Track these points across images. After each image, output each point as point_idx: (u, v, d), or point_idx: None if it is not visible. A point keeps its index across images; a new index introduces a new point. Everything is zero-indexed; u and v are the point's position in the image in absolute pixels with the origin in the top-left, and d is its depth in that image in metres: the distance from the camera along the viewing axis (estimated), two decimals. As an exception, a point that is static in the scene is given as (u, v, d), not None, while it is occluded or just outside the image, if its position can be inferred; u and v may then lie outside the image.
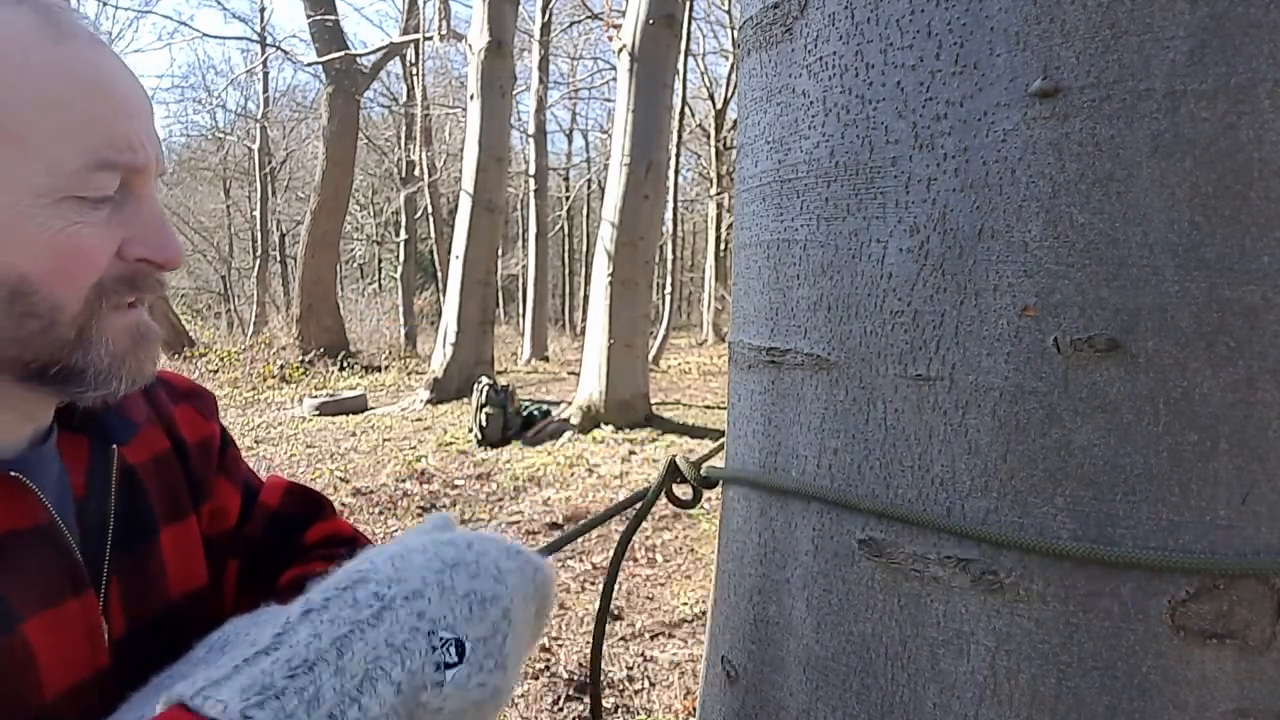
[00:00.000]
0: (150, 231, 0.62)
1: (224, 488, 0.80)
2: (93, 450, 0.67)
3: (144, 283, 0.63)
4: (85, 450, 0.67)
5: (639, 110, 8.06)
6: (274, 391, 12.13)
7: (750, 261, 0.68)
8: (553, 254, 30.09)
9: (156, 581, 0.68)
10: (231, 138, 27.00)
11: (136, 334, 0.63)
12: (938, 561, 0.54)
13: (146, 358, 0.65)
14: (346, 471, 6.79)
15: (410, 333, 18.95)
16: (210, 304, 31.51)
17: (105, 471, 0.67)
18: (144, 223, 0.62)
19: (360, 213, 32.36)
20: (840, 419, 0.59)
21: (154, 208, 0.63)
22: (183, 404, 0.80)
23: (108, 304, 0.60)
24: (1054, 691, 0.51)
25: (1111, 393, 0.49)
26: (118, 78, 0.60)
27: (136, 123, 0.60)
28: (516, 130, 17.55)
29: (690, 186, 28.23)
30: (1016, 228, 0.51)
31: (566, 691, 3.17)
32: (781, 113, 0.64)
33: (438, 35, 12.25)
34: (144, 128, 0.62)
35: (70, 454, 0.66)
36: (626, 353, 8.16)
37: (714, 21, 23.23)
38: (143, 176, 0.61)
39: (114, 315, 0.61)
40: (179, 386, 0.82)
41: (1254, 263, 0.47)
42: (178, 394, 0.81)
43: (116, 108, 0.59)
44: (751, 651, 0.66)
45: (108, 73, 0.59)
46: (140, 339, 0.64)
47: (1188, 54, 0.47)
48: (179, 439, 0.77)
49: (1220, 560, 0.48)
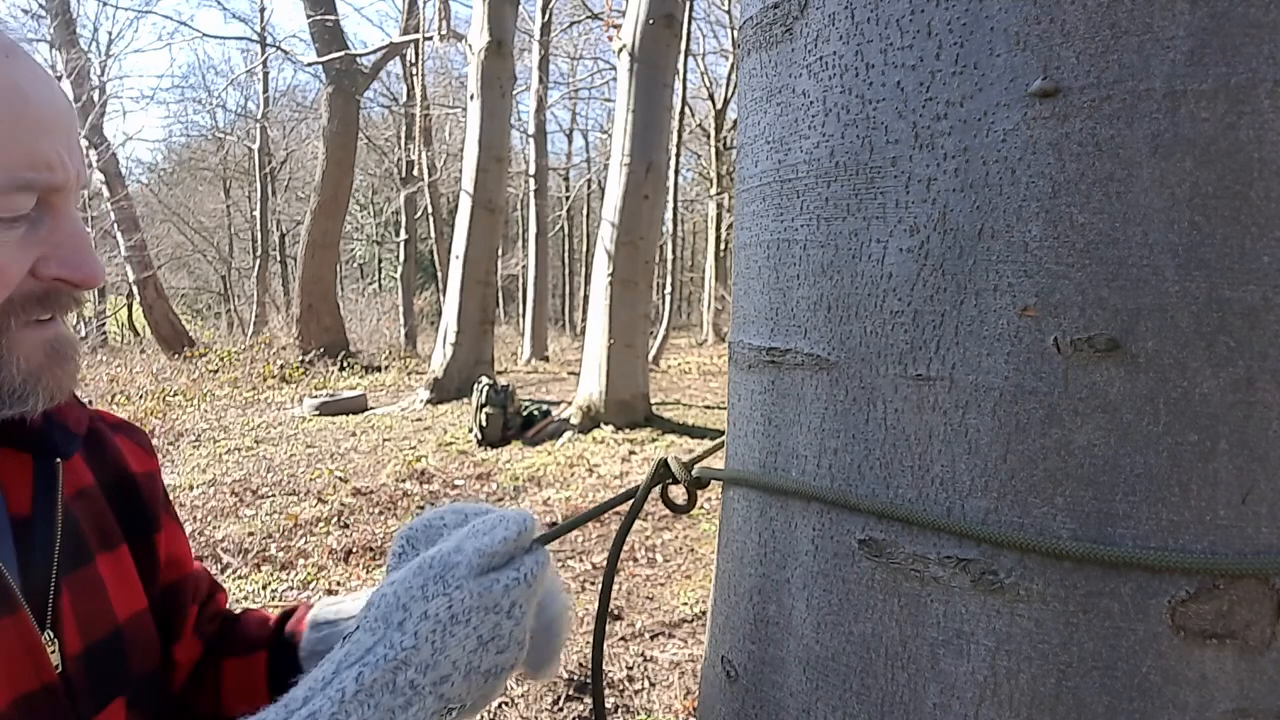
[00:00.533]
0: (67, 250, 0.59)
1: (175, 530, 0.81)
2: (36, 466, 0.66)
3: (58, 301, 0.61)
4: (28, 467, 0.65)
5: (639, 110, 8.06)
6: (274, 391, 12.13)
7: (750, 261, 0.68)
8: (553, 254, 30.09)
9: (103, 601, 0.68)
10: (231, 138, 27.00)
11: (50, 350, 0.61)
12: (938, 561, 0.54)
13: (64, 373, 0.63)
14: (346, 471, 6.79)
15: (410, 333, 18.95)
16: (210, 304, 31.52)
17: (50, 487, 0.66)
18: (60, 241, 0.59)
19: (360, 213, 32.36)
20: (840, 419, 0.59)
21: (73, 225, 0.60)
22: (121, 435, 0.79)
23: (17, 321, 0.58)
24: (1054, 691, 0.51)
25: (1111, 393, 0.49)
26: (36, 91, 0.56)
27: (56, 138, 0.57)
28: (516, 130, 17.54)
29: (690, 186, 28.23)
30: (1016, 228, 0.51)
31: (566, 691, 3.17)
32: (781, 113, 0.64)
33: (438, 35, 12.24)
34: (64, 143, 0.58)
35: (7, 470, 0.64)
36: (626, 353, 8.16)
37: (714, 21, 23.24)
38: (62, 194, 0.59)
39: (25, 331, 0.59)
40: (110, 420, 0.80)
41: (1254, 263, 0.47)
42: (113, 426, 0.80)
43: (35, 125, 0.56)
44: (751, 651, 0.67)
45: (25, 87, 0.56)
46: (56, 354, 0.61)
47: (1188, 54, 0.47)
48: (122, 469, 0.76)
49: (1220, 560, 0.48)
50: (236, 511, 5.71)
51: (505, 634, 0.60)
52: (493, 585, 0.60)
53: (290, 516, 5.50)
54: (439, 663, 0.57)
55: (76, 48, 15.89)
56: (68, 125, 0.59)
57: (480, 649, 0.58)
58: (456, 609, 0.58)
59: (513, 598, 0.60)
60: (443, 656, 0.57)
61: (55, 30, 15.51)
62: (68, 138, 0.59)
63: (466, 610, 0.59)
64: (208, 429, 9.03)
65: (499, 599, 0.60)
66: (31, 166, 0.55)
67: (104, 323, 19.65)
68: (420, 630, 0.57)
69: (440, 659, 0.57)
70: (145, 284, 16.11)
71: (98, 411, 0.80)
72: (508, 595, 0.60)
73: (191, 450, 7.91)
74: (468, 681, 0.58)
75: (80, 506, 0.69)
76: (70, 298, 0.61)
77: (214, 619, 0.87)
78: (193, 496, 6.09)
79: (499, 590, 0.60)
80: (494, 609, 0.59)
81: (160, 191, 29.33)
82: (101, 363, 13.45)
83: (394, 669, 0.56)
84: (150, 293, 16.22)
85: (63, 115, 0.59)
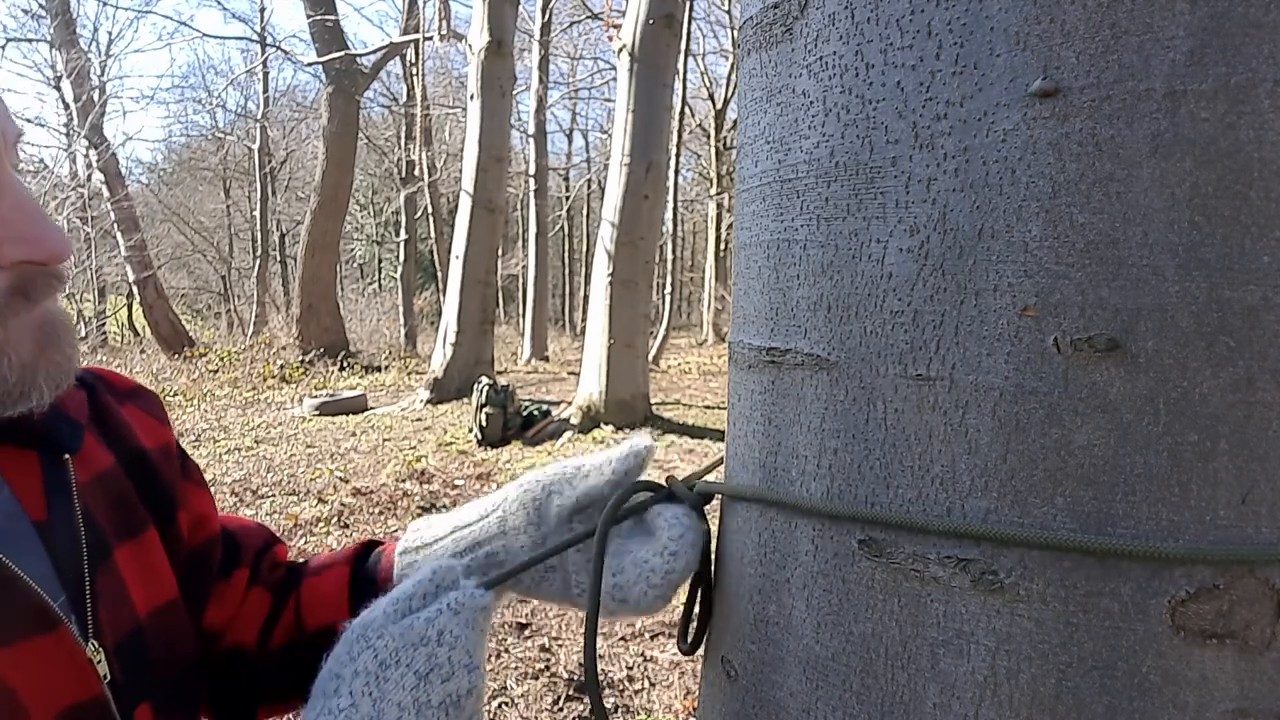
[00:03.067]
0: (19, 225, 0.51)
1: (195, 494, 0.77)
2: (44, 466, 0.61)
3: (37, 288, 0.54)
4: (35, 466, 0.60)
5: (639, 110, 8.06)
6: (274, 391, 12.13)
7: (750, 261, 0.68)
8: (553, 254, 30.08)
9: (124, 599, 0.64)
10: (231, 138, 26.98)
11: (42, 336, 0.55)
12: (938, 561, 0.54)
13: (61, 356, 0.57)
14: (346, 471, 6.79)
15: (410, 333, 18.95)
16: (210, 304, 31.51)
17: (64, 486, 0.61)
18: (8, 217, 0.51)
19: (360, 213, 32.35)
20: (840, 419, 0.59)
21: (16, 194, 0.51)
22: (129, 404, 0.74)
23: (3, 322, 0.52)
24: (1054, 691, 0.51)
25: (1111, 393, 0.49)
26: None
27: None
28: (516, 130, 17.54)
29: (690, 186, 28.22)
30: (1016, 228, 0.51)
31: (566, 691, 3.17)
32: (781, 113, 0.64)
33: (438, 35, 12.24)
34: None
35: (15, 473, 0.59)
36: (626, 353, 8.16)
37: (714, 21, 23.23)
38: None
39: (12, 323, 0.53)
40: (120, 386, 0.75)
41: (1254, 263, 0.47)
42: (121, 394, 0.74)
43: None
44: (751, 651, 0.67)
45: None
46: (48, 338, 0.56)
47: (1188, 54, 0.47)
48: (134, 447, 0.71)
49: (1217, 549, 0.48)
50: (236, 511, 5.71)
51: (443, 662, 0.58)
52: (413, 623, 0.59)
53: (290, 516, 5.50)
54: (384, 710, 0.56)
55: (76, 48, 15.89)
56: None
57: (422, 683, 0.57)
58: (383, 655, 0.58)
59: (439, 627, 0.59)
60: (385, 704, 0.56)
61: (55, 30, 15.51)
62: None
63: (393, 653, 0.58)
64: (208, 429, 9.03)
65: (423, 631, 0.59)
66: None
67: (104, 323, 19.64)
68: (354, 688, 0.56)
69: (384, 706, 0.56)
70: (145, 284, 16.11)
71: (102, 374, 0.74)
72: (432, 626, 0.59)
73: (191, 450, 7.91)
74: (424, 719, 0.57)
75: (95, 497, 0.64)
76: (45, 278, 0.54)
77: (277, 567, 0.85)
78: (193, 496, 6.08)
79: (420, 624, 0.59)
80: (421, 642, 0.58)
81: (160, 191, 29.33)
82: (101, 363, 13.44)
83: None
84: (150, 293, 16.22)
85: None
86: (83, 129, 15.29)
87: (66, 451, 0.62)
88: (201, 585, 0.76)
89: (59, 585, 0.58)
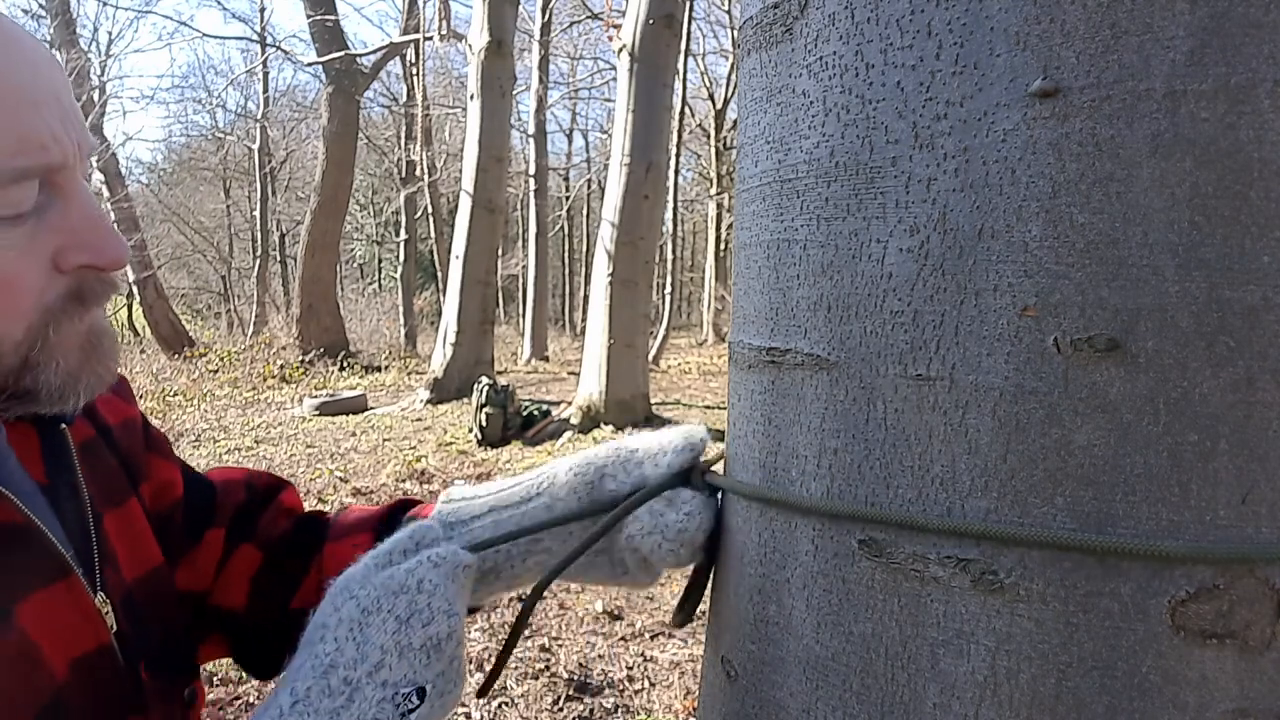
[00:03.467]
0: (86, 233, 0.54)
1: (158, 464, 0.79)
2: (43, 436, 0.64)
3: (92, 293, 0.57)
4: (34, 438, 0.63)
5: (639, 110, 8.06)
6: (274, 391, 12.13)
7: (750, 261, 0.68)
8: (553, 254, 30.08)
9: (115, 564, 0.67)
10: (231, 138, 26.99)
11: (88, 345, 0.58)
12: (938, 561, 0.54)
13: (103, 367, 0.60)
14: (346, 471, 6.79)
15: (410, 333, 18.95)
16: (210, 304, 31.52)
17: (63, 454, 0.65)
18: (76, 225, 0.54)
19: (360, 213, 32.36)
20: (840, 419, 0.59)
21: (85, 205, 0.55)
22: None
23: (56, 326, 0.55)
24: (1054, 691, 0.51)
25: (1111, 393, 0.49)
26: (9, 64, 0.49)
27: (45, 111, 0.50)
28: (516, 130, 17.55)
29: (690, 186, 28.23)
30: (1016, 228, 0.51)
31: (566, 691, 3.17)
32: (781, 113, 0.64)
33: (438, 35, 12.24)
34: (55, 115, 0.51)
35: (18, 444, 0.62)
36: (626, 352, 8.16)
37: (714, 21, 23.24)
38: (64, 173, 0.53)
39: (64, 331, 0.55)
40: None
41: (1254, 263, 0.47)
42: None
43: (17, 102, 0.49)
44: (751, 651, 0.67)
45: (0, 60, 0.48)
46: (93, 348, 0.59)
47: (1188, 54, 0.47)
48: (101, 424, 0.73)
49: (1216, 548, 0.48)
50: (236, 511, 5.70)
51: (423, 607, 0.61)
52: (394, 573, 0.62)
53: (290, 516, 5.49)
54: (367, 654, 0.58)
55: (76, 48, 15.89)
56: (57, 94, 0.52)
57: (403, 627, 0.60)
58: (365, 603, 0.61)
59: (419, 576, 0.62)
60: (369, 647, 0.59)
61: (55, 30, 15.51)
62: (60, 107, 0.52)
63: (375, 600, 0.61)
64: (208, 429, 9.03)
65: (404, 580, 0.62)
66: (21, 153, 0.49)
67: (104, 323, 19.60)
68: (339, 635, 0.59)
69: (368, 649, 0.59)
70: (145, 284, 16.11)
71: None
72: (412, 576, 0.62)
73: (191, 450, 7.91)
74: (406, 661, 0.59)
75: (85, 464, 0.67)
76: (102, 284, 0.57)
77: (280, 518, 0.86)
78: (193, 496, 6.09)
79: (401, 574, 0.62)
80: (402, 590, 0.61)
81: (160, 191, 29.33)
82: (101, 363, 13.42)
83: (323, 674, 0.58)
84: (150, 293, 16.22)
85: (47, 84, 0.51)
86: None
87: (63, 421, 0.65)
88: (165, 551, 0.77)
89: (67, 540, 0.61)
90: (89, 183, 0.56)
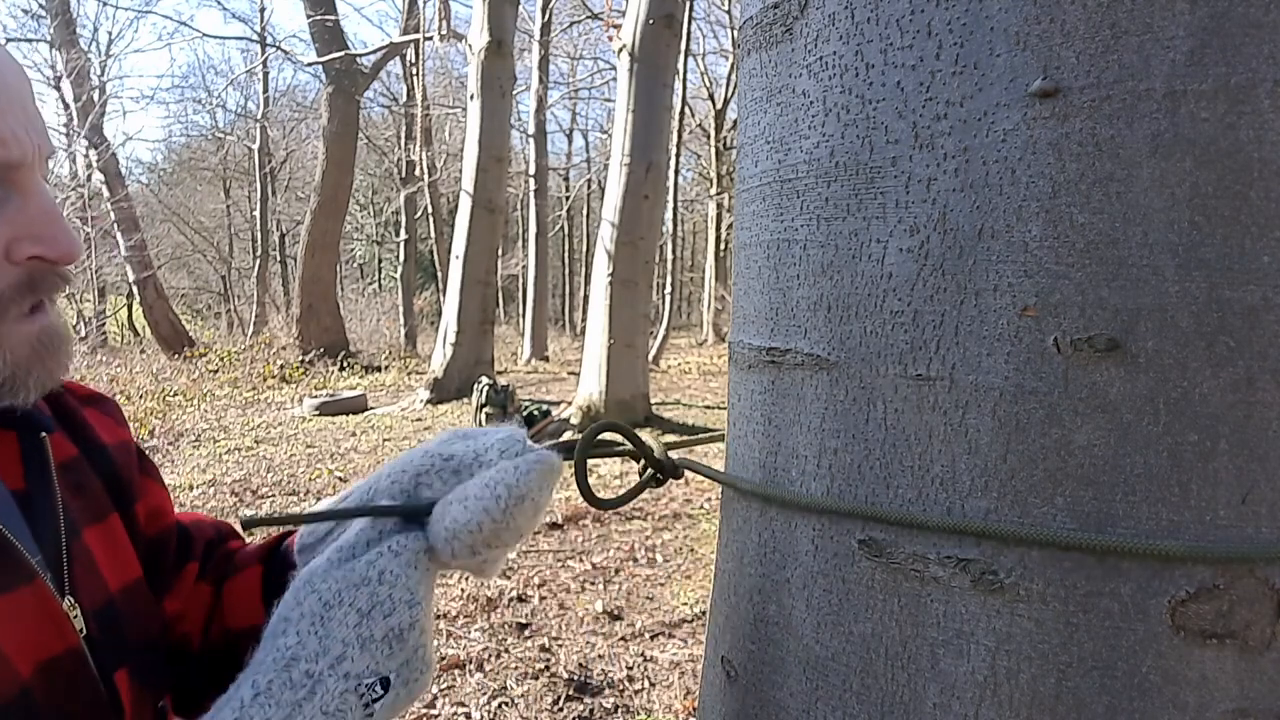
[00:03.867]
0: (39, 226, 0.57)
1: (154, 488, 0.80)
2: (22, 441, 0.65)
3: (44, 283, 0.59)
4: (13, 443, 0.65)
5: (639, 110, 8.06)
6: (274, 391, 12.12)
7: (750, 261, 0.68)
8: (553, 254, 30.09)
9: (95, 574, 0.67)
10: (231, 138, 26.99)
11: (38, 343, 0.60)
12: (938, 561, 0.54)
13: (55, 364, 0.62)
14: (346, 471, 6.79)
15: (410, 333, 18.95)
16: (210, 304, 31.52)
17: (42, 461, 0.65)
18: (31, 219, 0.57)
19: (360, 213, 32.37)
20: (840, 419, 0.59)
21: (41, 200, 0.58)
22: (90, 408, 0.78)
23: (6, 317, 0.57)
24: (1054, 691, 0.51)
25: (1111, 393, 0.49)
26: None
27: (8, 114, 0.54)
28: (516, 130, 17.55)
29: (690, 186, 28.23)
30: (1016, 228, 0.51)
31: (566, 691, 3.17)
32: (781, 113, 0.64)
33: (438, 35, 12.25)
34: (17, 117, 0.55)
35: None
36: (626, 352, 8.16)
37: (714, 21, 23.25)
38: (23, 171, 0.56)
39: (14, 325, 0.58)
40: (81, 393, 0.80)
41: (1254, 263, 0.47)
42: (82, 399, 0.79)
43: None
44: (751, 651, 0.67)
45: None
46: (45, 346, 0.60)
47: (1188, 54, 0.47)
48: (94, 442, 0.75)
49: (1216, 547, 0.48)
50: (236, 512, 5.71)
51: (385, 598, 0.61)
52: (355, 566, 0.62)
53: (290, 516, 5.49)
54: (329, 647, 0.59)
55: (76, 48, 15.90)
56: (23, 101, 0.56)
57: (364, 620, 0.60)
58: (326, 596, 0.61)
59: (380, 567, 0.62)
60: (331, 640, 0.59)
61: (55, 30, 15.52)
62: (21, 109, 0.56)
63: (336, 594, 0.61)
64: (208, 429, 9.03)
65: (364, 572, 0.62)
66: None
67: (104, 323, 19.65)
68: (301, 628, 0.60)
69: (329, 643, 0.59)
70: (145, 284, 16.11)
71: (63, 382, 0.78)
72: (372, 567, 0.62)
73: (191, 450, 7.91)
74: (368, 653, 0.60)
75: (65, 481, 0.69)
76: (54, 277, 0.60)
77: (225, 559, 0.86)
78: (192, 497, 6.09)
79: (362, 566, 0.62)
80: (362, 582, 0.61)
81: (160, 191, 29.32)
82: (101, 363, 13.44)
83: (285, 667, 0.58)
84: (150, 293, 16.22)
85: (15, 92, 0.55)
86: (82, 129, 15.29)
87: (43, 430, 0.67)
88: (159, 575, 0.78)
89: (36, 546, 0.62)
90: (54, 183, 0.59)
